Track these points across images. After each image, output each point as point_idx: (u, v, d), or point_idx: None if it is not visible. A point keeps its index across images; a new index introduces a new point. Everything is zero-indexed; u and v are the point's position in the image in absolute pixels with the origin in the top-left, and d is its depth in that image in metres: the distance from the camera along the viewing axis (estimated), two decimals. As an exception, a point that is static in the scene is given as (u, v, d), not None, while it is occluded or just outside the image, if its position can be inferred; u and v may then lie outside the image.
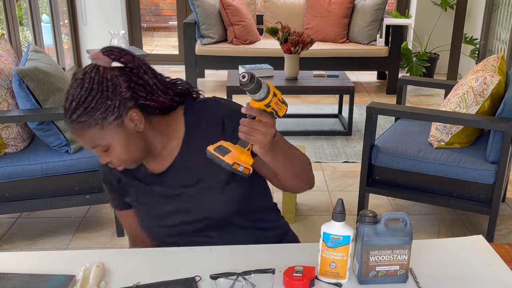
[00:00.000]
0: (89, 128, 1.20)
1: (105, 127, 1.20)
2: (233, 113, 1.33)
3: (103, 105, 1.18)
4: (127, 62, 1.23)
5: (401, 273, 1.20)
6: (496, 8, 5.39)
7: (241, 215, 1.40)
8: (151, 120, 1.29)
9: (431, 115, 2.62)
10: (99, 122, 1.19)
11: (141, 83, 1.23)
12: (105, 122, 1.19)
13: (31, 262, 1.26)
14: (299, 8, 5.67)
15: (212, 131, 1.33)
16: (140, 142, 1.27)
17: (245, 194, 1.38)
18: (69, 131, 1.23)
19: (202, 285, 1.18)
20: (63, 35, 5.84)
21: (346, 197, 3.11)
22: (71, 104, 1.19)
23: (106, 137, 1.22)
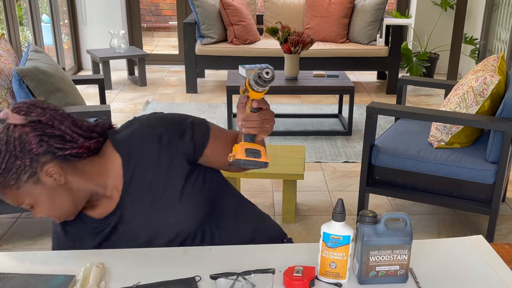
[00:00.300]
0: (6, 189, 1.19)
1: (21, 186, 1.19)
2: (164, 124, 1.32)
3: (13, 166, 1.17)
4: (38, 116, 1.20)
5: (401, 273, 1.20)
6: (496, 8, 5.39)
7: (211, 216, 1.37)
8: (79, 168, 1.25)
9: (431, 115, 2.62)
10: (14, 182, 1.18)
11: (57, 134, 1.20)
12: (20, 182, 1.18)
13: (31, 262, 1.26)
14: (299, 8, 5.67)
15: (149, 149, 1.30)
16: (68, 194, 1.25)
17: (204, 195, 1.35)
18: None
19: (202, 285, 1.18)
20: (63, 35, 5.84)
21: (346, 197, 3.11)
22: None
23: (27, 196, 1.21)
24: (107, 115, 2.52)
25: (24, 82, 2.41)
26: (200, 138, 1.33)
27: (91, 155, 1.28)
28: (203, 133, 1.34)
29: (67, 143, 1.22)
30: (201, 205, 1.34)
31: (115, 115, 4.54)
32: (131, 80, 5.76)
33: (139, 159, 1.30)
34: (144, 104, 4.93)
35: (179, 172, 1.31)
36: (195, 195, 1.33)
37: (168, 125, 1.32)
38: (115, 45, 5.50)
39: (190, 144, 1.32)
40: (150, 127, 1.32)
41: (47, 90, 2.49)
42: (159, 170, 1.30)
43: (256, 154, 1.13)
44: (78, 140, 1.23)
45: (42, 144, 1.18)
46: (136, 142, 1.31)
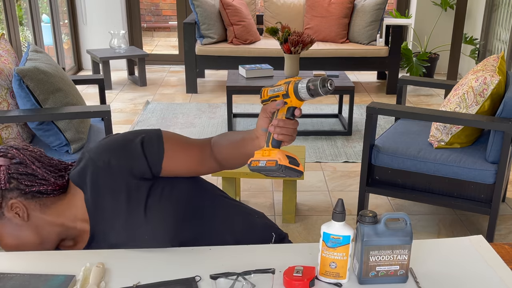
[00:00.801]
0: None
1: None
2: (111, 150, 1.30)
3: None
4: (13, 157, 1.28)
5: (401, 273, 1.20)
6: (496, 8, 5.39)
7: (190, 222, 1.35)
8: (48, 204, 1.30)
9: (431, 115, 2.62)
10: None
11: (29, 172, 1.28)
12: None
13: (31, 262, 1.26)
14: (299, 8, 5.67)
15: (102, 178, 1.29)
16: (32, 230, 1.29)
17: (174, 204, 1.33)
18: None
19: (202, 285, 1.18)
20: (63, 35, 5.84)
21: (346, 197, 3.11)
22: None
23: None
24: (107, 115, 2.52)
25: (24, 82, 2.41)
26: (154, 153, 1.30)
27: (60, 193, 1.33)
28: (156, 148, 1.31)
29: (37, 181, 1.29)
30: (172, 215, 1.32)
31: (115, 115, 4.54)
32: (131, 80, 5.76)
33: (95, 189, 1.30)
34: (144, 104, 4.93)
35: (138, 192, 1.30)
36: (162, 208, 1.31)
37: (115, 150, 1.30)
38: (115, 45, 5.50)
39: (143, 162, 1.29)
40: (98, 157, 1.29)
41: (47, 90, 2.49)
42: (116, 196, 1.29)
43: (295, 161, 1.11)
44: (50, 179, 1.30)
45: (12, 181, 1.26)
46: (90, 173, 1.30)
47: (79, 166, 1.32)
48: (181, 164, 1.33)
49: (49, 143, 2.58)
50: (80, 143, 2.61)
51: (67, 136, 2.55)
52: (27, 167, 1.28)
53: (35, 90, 2.45)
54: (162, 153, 1.30)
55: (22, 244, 1.29)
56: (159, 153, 1.30)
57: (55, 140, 2.56)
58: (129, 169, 1.29)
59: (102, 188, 1.29)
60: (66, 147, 2.58)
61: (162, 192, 1.32)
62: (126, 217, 1.30)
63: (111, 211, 1.30)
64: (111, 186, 1.29)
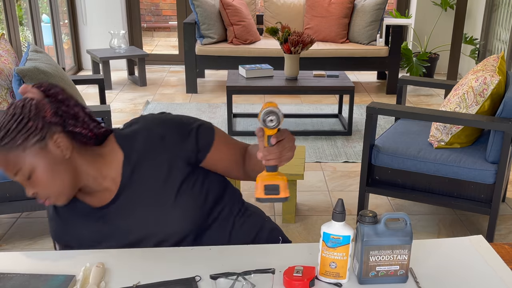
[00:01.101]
0: (11, 151, 1.18)
1: (27, 149, 1.18)
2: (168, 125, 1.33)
3: (24, 127, 1.18)
4: (56, 94, 1.24)
5: (401, 273, 1.20)
6: (496, 8, 5.39)
7: (207, 220, 1.37)
8: (84, 150, 1.28)
9: (431, 115, 2.62)
10: (21, 142, 1.17)
11: (71, 113, 1.25)
12: (27, 143, 1.18)
13: (31, 262, 1.26)
14: (299, 8, 5.67)
15: (150, 149, 1.31)
16: (69, 171, 1.24)
17: (201, 199, 1.35)
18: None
19: (202, 285, 1.18)
20: (63, 35, 5.84)
21: (346, 197, 3.11)
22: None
23: (29, 161, 1.19)
24: (107, 115, 2.52)
25: (24, 82, 2.41)
26: (204, 142, 1.34)
27: (97, 144, 1.31)
28: (208, 138, 1.35)
29: (79, 123, 1.26)
30: (195, 210, 1.34)
31: (115, 115, 4.54)
32: (131, 80, 5.76)
33: (140, 158, 1.31)
34: (144, 104, 4.93)
35: (177, 175, 1.32)
36: (190, 199, 1.33)
37: (172, 127, 1.33)
38: (115, 45, 5.50)
39: (193, 147, 1.33)
40: (154, 127, 1.33)
41: (47, 90, 2.49)
42: (158, 171, 1.31)
43: (275, 190, 1.13)
44: (89, 125, 1.28)
45: (56, 116, 1.22)
46: (139, 141, 1.32)
47: (130, 129, 1.34)
48: (222, 159, 1.37)
49: (49, 143, 2.58)
50: (80, 143, 2.61)
51: (67, 136, 2.55)
52: (70, 107, 1.25)
53: (35, 90, 2.45)
54: (211, 143, 1.35)
55: (54, 185, 1.23)
56: (209, 143, 1.34)
57: (55, 140, 2.56)
58: (178, 148, 1.31)
59: (147, 158, 1.31)
60: (66, 147, 2.58)
61: (196, 181, 1.34)
62: (157, 193, 1.31)
63: (145, 183, 1.31)
64: (156, 159, 1.30)
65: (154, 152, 1.31)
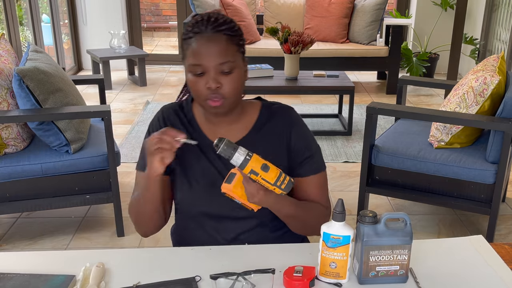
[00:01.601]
0: (231, 43, 1.32)
1: (238, 52, 1.34)
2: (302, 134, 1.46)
3: (242, 36, 1.36)
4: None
5: (401, 273, 1.20)
6: (496, 8, 5.39)
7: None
8: None
9: (431, 115, 2.62)
10: (239, 43, 1.34)
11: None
12: (240, 48, 1.35)
13: (31, 262, 1.26)
14: (299, 8, 5.67)
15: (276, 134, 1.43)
16: (242, 89, 1.38)
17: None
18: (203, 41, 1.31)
19: (202, 285, 1.18)
20: (63, 35, 5.84)
21: (346, 197, 3.11)
22: (218, 18, 1.32)
23: (236, 60, 1.33)
24: (107, 115, 2.51)
25: (24, 82, 2.41)
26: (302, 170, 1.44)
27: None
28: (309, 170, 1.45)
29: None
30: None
31: (115, 115, 4.54)
32: (131, 80, 5.76)
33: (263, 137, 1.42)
34: (144, 104, 4.93)
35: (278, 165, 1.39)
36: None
37: (304, 139, 1.45)
38: (115, 45, 5.50)
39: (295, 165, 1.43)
40: (292, 128, 1.45)
41: (47, 90, 2.49)
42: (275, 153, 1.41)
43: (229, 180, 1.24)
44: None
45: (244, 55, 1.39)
46: (274, 124, 1.44)
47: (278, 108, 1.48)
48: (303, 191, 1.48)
49: (49, 143, 2.58)
50: (80, 143, 2.61)
51: (67, 136, 2.55)
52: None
53: (35, 90, 2.45)
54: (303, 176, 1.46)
55: (238, 86, 1.35)
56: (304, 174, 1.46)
57: (55, 140, 2.56)
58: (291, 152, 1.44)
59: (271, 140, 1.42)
60: (66, 147, 2.58)
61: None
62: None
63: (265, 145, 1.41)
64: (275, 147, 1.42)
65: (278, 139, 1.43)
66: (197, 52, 1.30)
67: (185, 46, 1.35)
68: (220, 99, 1.32)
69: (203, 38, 1.30)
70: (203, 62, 1.30)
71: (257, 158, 1.20)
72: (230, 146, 1.19)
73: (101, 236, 2.75)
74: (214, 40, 1.30)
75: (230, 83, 1.32)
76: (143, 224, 1.45)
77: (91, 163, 2.59)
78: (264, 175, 1.21)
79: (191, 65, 1.32)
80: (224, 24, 1.32)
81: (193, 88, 1.34)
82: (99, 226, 2.85)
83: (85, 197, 2.60)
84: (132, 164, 3.56)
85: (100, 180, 2.62)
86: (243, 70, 1.37)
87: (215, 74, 1.31)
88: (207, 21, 1.32)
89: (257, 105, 1.48)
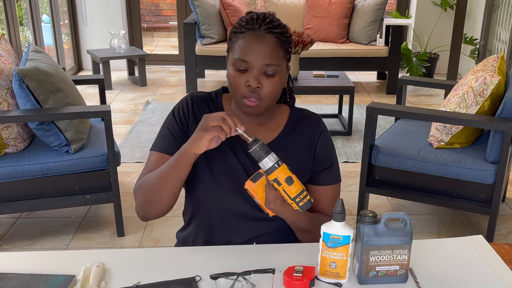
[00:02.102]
0: (280, 47, 1.33)
1: (285, 58, 1.36)
2: (326, 147, 1.46)
3: (291, 43, 1.38)
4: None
5: (401, 273, 1.20)
6: (496, 8, 5.39)
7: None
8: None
9: (431, 115, 2.62)
10: (288, 49, 1.36)
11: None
12: (287, 55, 1.36)
13: (31, 262, 1.26)
14: (299, 8, 5.67)
15: (302, 144, 1.44)
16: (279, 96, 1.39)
17: None
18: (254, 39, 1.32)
19: (202, 285, 1.18)
20: (63, 35, 5.84)
21: (346, 197, 3.11)
22: (273, 20, 1.34)
23: (281, 65, 1.34)
24: (107, 115, 2.51)
25: (24, 82, 2.41)
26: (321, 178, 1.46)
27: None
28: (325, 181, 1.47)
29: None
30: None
31: (115, 115, 4.54)
32: (131, 80, 5.76)
33: (291, 142, 1.43)
34: (144, 104, 4.93)
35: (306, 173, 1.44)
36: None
37: (327, 149, 1.46)
38: (115, 45, 5.50)
39: (317, 171, 1.45)
40: (323, 129, 1.46)
41: (47, 90, 2.49)
42: (301, 155, 1.44)
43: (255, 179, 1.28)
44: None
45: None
46: (301, 130, 1.45)
47: (306, 115, 1.50)
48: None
49: (49, 143, 2.59)
50: (80, 143, 2.61)
51: (67, 136, 2.55)
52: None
53: (35, 90, 2.45)
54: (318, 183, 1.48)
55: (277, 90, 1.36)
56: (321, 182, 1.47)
57: (55, 140, 2.56)
58: (313, 168, 1.45)
59: (296, 147, 1.44)
60: (66, 147, 2.58)
61: None
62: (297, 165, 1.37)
63: (291, 151, 1.42)
64: (297, 153, 1.43)
65: (304, 149, 1.44)
66: (246, 48, 1.31)
67: (234, 39, 1.34)
68: (257, 100, 1.33)
69: (254, 35, 1.31)
70: (249, 59, 1.31)
71: (284, 169, 1.21)
72: (263, 149, 1.19)
73: (101, 236, 2.75)
74: (265, 40, 1.31)
75: (271, 86, 1.33)
76: (153, 205, 1.37)
77: (91, 163, 2.59)
78: (286, 187, 1.21)
79: (237, 60, 1.32)
80: (278, 28, 1.33)
81: (233, 83, 1.33)
82: (99, 226, 2.85)
83: (85, 197, 2.60)
84: (132, 164, 3.56)
85: (100, 180, 2.62)
86: (284, 77, 1.38)
87: (258, 73, 1.31)
88: (262, 20, 1.33)
89: (285, 109, 1.49)
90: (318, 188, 1.45)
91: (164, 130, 1.44)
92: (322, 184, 1.45)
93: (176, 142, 1.40)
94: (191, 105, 1.44)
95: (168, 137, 1.42)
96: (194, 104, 1.44)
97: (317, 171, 1.45)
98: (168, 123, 1.44)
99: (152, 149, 1.44)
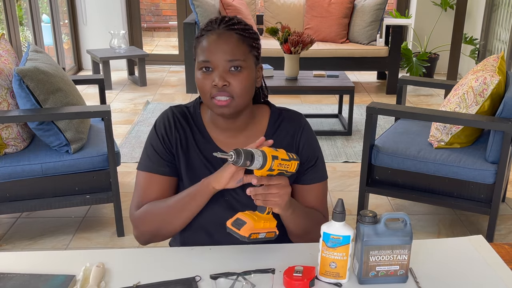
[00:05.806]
0: (242, 43, 1.31)
1: (250, 53, 1.33)
2: (310, 144, 1.44)
3: (257, 40, 1.36)
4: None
5: (401, 273, 1.20)
6: (496, 8, 5.39)
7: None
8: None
9: (431, 115, 2.62)
10: (252, 45, 1.34)
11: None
12: (253, 50, 1.34)
13: (31, 262, 1.26)
14: (299, 8, 5.67)
15: (286, 140, 1.42)
16: (251, 94, 1.37)
17: None
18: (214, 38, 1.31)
19: (202, 285, 1.18)
20: (63, 35, 5.84)
21: (346, 197, 3.11)
22: (232, 19, 1.34)
23: (246, 60, 1.32)
24: (107, 115, 2.51)
25: (24, 82, 2.41)
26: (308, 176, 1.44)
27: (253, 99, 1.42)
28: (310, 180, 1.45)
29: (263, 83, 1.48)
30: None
31: (115, 115, 4.54)
32: (131, 80, 5.76)
33: (277, 143, 1.37)
34: (144, 104, 4.93)
35: None
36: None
37: (311, 146, 1.44)
38: (115, 45, 5.50)
39: (302, 169, 1.41)
40: (301, 134, 1.43)
41: (47, 90, 2.49)
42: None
43: (239, 226, 1.20)
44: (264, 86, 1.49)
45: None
46: (284, 129, 1.44)
47: (286, 112, 1.48)
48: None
49: (49, 143, 2.58)
50: (80, 143, 2.61)
51: (67, 136, 2.55)
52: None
53: (35, 90, 2.45)
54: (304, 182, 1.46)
55: (247, 87, 1.33)
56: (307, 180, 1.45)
57: (55, 140, 2.56)
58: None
59: (283, 145, 1.36)
60: (66, 147, 2.58)
61: None
62: None
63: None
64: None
65: (287, 144, 1.42)
66: (207, 48, 1.30)
67: (197, 44, 1.34)
68: (227, 97, 1.30)
69: (214, 34, 1.31)
70: (211, 58, 1.29)
71: (268, 149, 1.20)
72: (247, 155, 1.16)
73: (101, 236, 2.75)
74: (225, 37, 1.30)
75: (239, 82, 1.30)
76: (163, 231, 1.38)
77: (91, 163, 2.59)
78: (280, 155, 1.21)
79: (200, 62, 1.31)
80: (238, 24, 1.33)
81: (200, 86, 1.33)
82: (99, 226, 2.85)
83: (85, 197, 2.60)
84: (132, 164, 3.56)
85: (100, 180, 2.62)
86: (254, 73, 1.35)
87: (223, 71, 1.30)
88: (220, 20, 1.33)
89: (265, 109, 1.47)
90: (306, 187, 1.44)
91: (149, 148, 1.42)
92: (309, 183, 1.44)
93: (163, 161, 1.40)
94: (173, 122, 1.43)
95: (154, 156, 1.41)
96: (176, 121, 1.43)
97: (303, 169, 1.42)
98: (152, 140, 1.43)
99: (139, 168, 1.42)
